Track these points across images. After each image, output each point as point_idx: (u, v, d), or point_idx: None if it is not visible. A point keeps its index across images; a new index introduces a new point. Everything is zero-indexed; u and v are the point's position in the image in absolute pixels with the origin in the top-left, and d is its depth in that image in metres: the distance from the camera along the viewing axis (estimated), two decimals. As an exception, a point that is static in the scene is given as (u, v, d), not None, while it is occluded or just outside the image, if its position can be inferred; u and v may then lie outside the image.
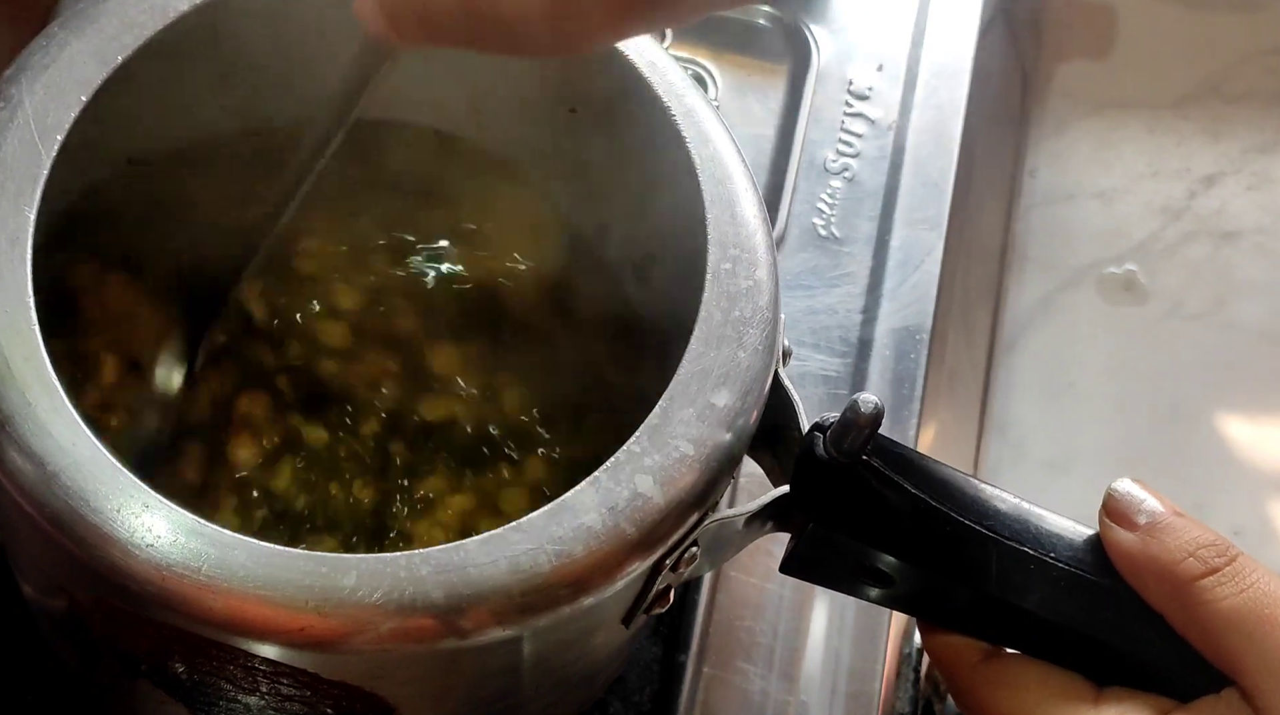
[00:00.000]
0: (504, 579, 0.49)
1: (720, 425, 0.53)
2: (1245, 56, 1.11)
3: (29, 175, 0.54)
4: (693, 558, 0.54)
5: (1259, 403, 0.98)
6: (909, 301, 0.87)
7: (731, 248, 0.57)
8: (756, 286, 0.56)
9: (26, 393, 0.50)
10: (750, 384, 0.55)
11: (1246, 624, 0.54)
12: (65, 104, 0.56)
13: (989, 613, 0.56)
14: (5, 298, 0.51)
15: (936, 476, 0.56)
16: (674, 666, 0.74)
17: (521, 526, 0.50)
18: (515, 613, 0.49)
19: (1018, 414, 0.95)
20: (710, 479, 0.53)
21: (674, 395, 0.54)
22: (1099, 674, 0.56)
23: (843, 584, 0.58)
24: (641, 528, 0.51)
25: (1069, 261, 1.02)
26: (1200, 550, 0.55)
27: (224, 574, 0.48)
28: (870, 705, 0.75)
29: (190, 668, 0.52)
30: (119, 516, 0.48)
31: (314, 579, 0.48)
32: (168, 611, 0.48)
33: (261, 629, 0.48)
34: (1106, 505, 0.57)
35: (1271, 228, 1.03)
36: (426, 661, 0.51)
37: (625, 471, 0.52)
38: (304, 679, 0.51)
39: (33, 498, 0.49)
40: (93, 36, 0.57)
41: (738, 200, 0.58)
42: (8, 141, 0.55)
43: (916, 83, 0.95)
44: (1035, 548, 0.55)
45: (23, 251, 0.52)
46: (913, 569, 0.56)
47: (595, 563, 0.50)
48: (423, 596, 0.48)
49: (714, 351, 0.55)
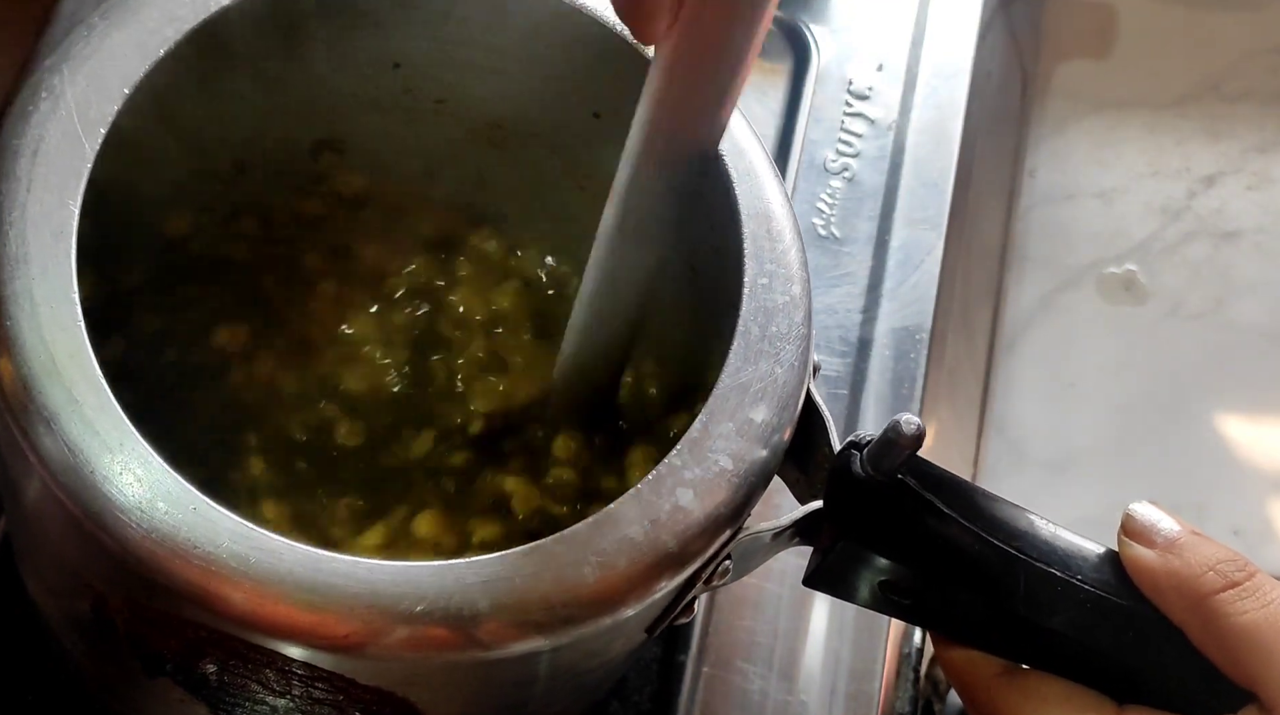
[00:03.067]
0: (547, 590, 0.49)
1: (757, 440, 0.54)
2: (1245, 56, 1.12)
3: (72, 169, 0.54)
4: (725, 571, 0.55)
5: (1259, 403, 0.98)
6: (909, 301, 0.87)
7: (768, 263, 0.57)
8: (792, 302, 0.57)
9: (72, 390, 0.50)
10: (786, 400, 0.55)
11: (1265, 638, 0.54)
12: (108, 96, 0.56)
13: (1013, 631, 0.57)
14: (50, 293, 0.51)
15: (968, 497, 0.56)
16: (674, 666, 0.74)
17: (565, 538, 0.50)
18: (557, 624, 0.49)
19: (1018, 414, 0.96)
20: (747, 493, 0.53)
21: (713, 409, 0.54)
22: (1119, 693, 0.57)
23: (865, 598, 0.58)
24: (681, 540, 0.51)
25: (1069, 261, 1.02)
26: (1220, 565, 0.56)
27: (271, 578, 0.48)
28: (870, 705, 0.76)
29: (222, 669, 0.52)
30: (166, 519, 0.48)
31: (360, 585, 0.48)
32: (211, 614, 0.48)
33: (306, 634, 0.48)
34: (1125, 526, 0.58)
35: (1271, 227, 1.04)
36: (462, 668, 0.51)
37: (667, 484, 0.52)
38: (339, 683, 0.51)
39: (76, 497, 0.49)
40: (135, 28, 0.57)
41: (773, 214, 0.58)
42: (50, 134, 0.54)
43: (916, 83, 0.95)
44: (1062, 569, 0.56)
45: (67, 246, 0.52)
46: (939, 586, 0.56)
47: (636, 575, 0.51)
48: (469, 606, 0.48)
49: (752, 367, 0.55)
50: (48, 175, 0.53)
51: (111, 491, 0.48)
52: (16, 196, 0.53)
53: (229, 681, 0.53)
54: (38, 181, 0.53)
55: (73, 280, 0.52)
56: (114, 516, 0.48)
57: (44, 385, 0.50)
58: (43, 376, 0.50)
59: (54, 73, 0.56)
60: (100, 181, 0.54)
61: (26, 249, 0.52)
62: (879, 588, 0.57)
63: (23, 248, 0.52)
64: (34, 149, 0.54)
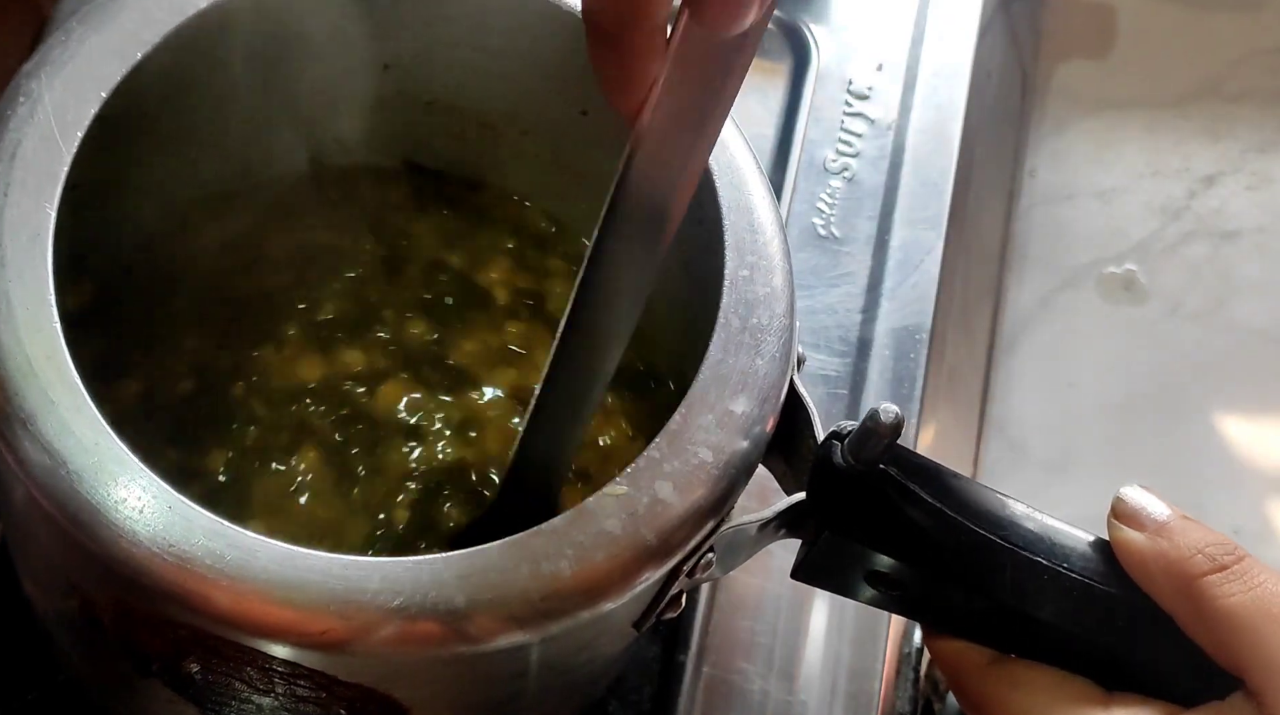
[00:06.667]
0: (525, 584, 0.49)
1: (738, 432, 0.54)
2: (1245, 56, 1.11)
3: (49, 172, 0.54)
4: (708, 564, 0.55)
5: (1259, 403, 0.98)
6: (909, 301, 0.87)
7: (749, 255, 0.57)
8: (773, 293, 0.57)
9: (49, 391, 0.50)
10: (768, 392, 0.55)
11: (1254, 621, 0.54)
12: (85, 100, 0.56)
13: (1000, 621, 0.57)
14: (27, 295, 0.51)
15: (952, 486, 0.56)
16: (673, 666, 0.74)
17: (543, 531, 0.50)
18: (536, 618, 0.49)
19: (1018, 414, 0.95)
20: (728, 486, 0.53)
21: (693, 401, 0.54)
22: (1107, 680, 0.57)
23: (853, 590, 0.58)
24: (660, 534, 0.51)
25: (1069, 261, 1.02)
26: (1208, 547, 0.55)
27: (247, 576, 0.48)
28: (870, 705, 0.75)
29: (205, 668, 0.52)
30: (141, 517, 0.48)
31: (336, 581, 0.48)
32: (188, 612, 0.48)
33: (283, 631, 0.48)
34: (1115, 509, 0.58)
35: (1271, 227, 1.04)
36: (444, 664, 0.51)
37: (645, 477, 0.52)
38: (321, 680, 0.51)
39: (54, 497, 0.49)
40: (112, 32, 0.57)
41: (754, 207, 0.58)
42: (28, 137, 0.54)
43: (916, 83, 0.95)
44: (1049, 558, 0.56)
45: (44, 248, 0.52)
46: (926, 577, 0.56)
47: (615, 568, 0.50)
48: (445, 601, 0.48)
49: (732, 358, 0.55)
50: (25, 178, 0.54)
51: (87, 491, 0.48)
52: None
53: (213, 681, 0.53)
54: (15, 185, 0.53)
55: (49, 283, 0.52)
56: (90, 516, 0.48)
57: (20, 387, 0.50)
58: (19, 378, 0.50)
59: (31, 77, 0.56)
60: (77, 184, 0.54)
61: (3, 252, 0.52)
62: (866, 579, 0.57)
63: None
64: (11, 153, 0.54)
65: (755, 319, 0.56)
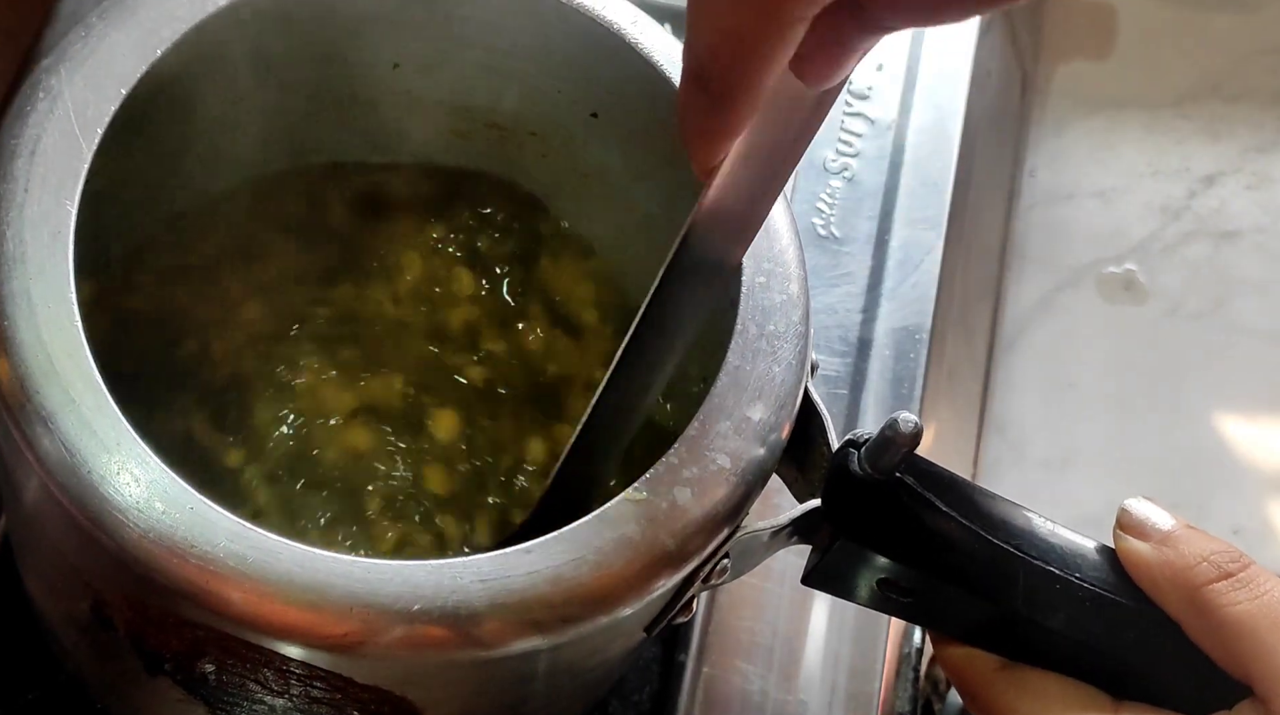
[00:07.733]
0: (545, 589, 0.49)
1: (755, 439, 0.54)
2: (1245, 56, 1.12)
3: (70, 169, 0.54)
4: (724, 570, 0.55)
5: (1259, 403, 0.98)
6: (908, 301, 0.87)
7: (765, 262, 0.57)
8: (790, 300, 0.57)
9: (69, 389, 0.50)
10: (784, 398, 0.55)
11: (1260, 629, 0.54)
12: (105, 97, 0.56)
13: (1011, 628, 0.57)
14: (48, 292, 0.51)
15: (966, 494, 0.56)
16: (673, 666, 0.74)
17: (563, 536, 0.50)
18: (555, 623, 0.49)
19: (1017, 414, 0.96)
20: (745, 492, 0.53)
21: (710, 408, 0.54)
22: (1116, 689, 0.57)
23: (863, 596, 0.58)
24: (679, 539, 0.51)
25: (1069, 261, 1.02)
26: (1213, 556, 0.56)
27: (269, 577, 0.48)
28: (870, 705, 0.76)
29: (220, 668, 0.52)
30: (163, 519, 0.48)
31: (358, 585, 0.48)
32: (208, 613, 0.48)
33: (304, 633, 0.48)
34: (1121, 520, 0.58)
35: (1271, 227, 1.04)
36: (462, 667, 0.51)
37: (664, 483, 0.52)
38: (337, 683, 0.51)
39: (74, 496, 0.49)
40: (133, 28, 0.57)
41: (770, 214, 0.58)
42: (48, 133, 0.54)
43: (916, 82, 0.95)
44: (1061, 567, 0.56)
45: (64, 246, 0.52)
46: (938, 585, 0.56)
47: (634, 573, 0.51)
48: (466, 606, 0.48)
49: (749, 365, 0.55)
50: (45, 175, 0.53)
51: (109, 491, 0.48)
52: (14, 197, 0.53)
53: (227, 681, 0.53)
54: (35, 181, 0.53)
55: (70, 280, 0.52)
56: (111, 516, 0.48)
57: (41, 384, 0.50)
58: (40, 376, 0.50)
59: (51, 73, 0.56)
60: (98, 181, 0.54)
61: (24, 249, 0.52)
62: (878, 586, 0.57)
63: (20, 247, 0.52)
64: (31, 149, 0.54)
65: (772, 326, 0.56)
